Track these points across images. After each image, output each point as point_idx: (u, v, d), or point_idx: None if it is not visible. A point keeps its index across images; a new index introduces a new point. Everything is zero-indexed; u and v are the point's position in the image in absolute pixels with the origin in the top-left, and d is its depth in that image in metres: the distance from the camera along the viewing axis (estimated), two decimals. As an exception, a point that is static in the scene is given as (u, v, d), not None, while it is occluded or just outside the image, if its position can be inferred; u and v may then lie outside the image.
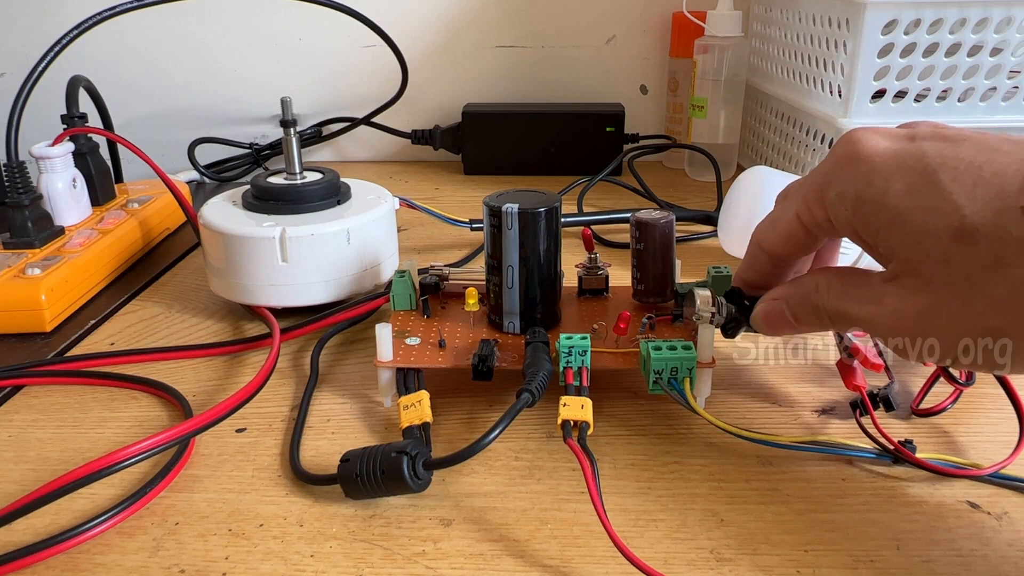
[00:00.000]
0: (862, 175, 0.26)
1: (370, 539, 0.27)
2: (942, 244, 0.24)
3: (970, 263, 0.23)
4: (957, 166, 0.24)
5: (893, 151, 0.25)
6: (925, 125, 0.27)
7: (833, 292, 0.28)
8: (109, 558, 0.27)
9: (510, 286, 0.35)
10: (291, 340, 0.42)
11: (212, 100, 0.80)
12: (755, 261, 0.31)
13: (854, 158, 0.26)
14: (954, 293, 0.24)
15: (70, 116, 0.54)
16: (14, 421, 0.35)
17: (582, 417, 0.29)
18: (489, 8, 0.78)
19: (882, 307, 0.26)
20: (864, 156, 0.26)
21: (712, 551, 0.27)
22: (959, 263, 0.24)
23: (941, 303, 0.24)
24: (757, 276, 0.32)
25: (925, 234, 0.24)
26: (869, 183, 0.25)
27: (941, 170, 0.24)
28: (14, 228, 0.48)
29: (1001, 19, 0.52)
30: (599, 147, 0.73)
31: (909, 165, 0.25)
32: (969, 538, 0.27)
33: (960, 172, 0.24)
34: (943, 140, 0.25)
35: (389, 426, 0.34)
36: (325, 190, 0.45)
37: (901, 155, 0.25)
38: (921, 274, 0.25)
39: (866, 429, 0.31)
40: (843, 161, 0.27)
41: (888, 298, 0.26)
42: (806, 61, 0.62)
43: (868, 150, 0.26)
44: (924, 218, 0.24)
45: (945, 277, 0.24)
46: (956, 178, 0.24)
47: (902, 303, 0.25)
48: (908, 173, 0.25)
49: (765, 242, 0.31)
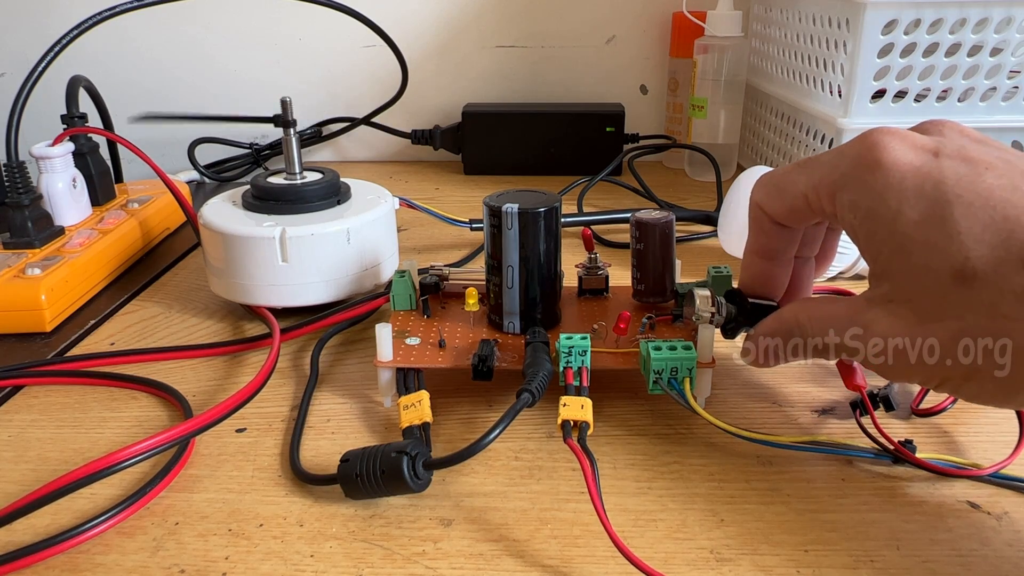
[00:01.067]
0: (878, 190, 0.25)
1: (370, 539, 0.27)
2: (942, 282, 0.24)
3: (965, 305, 0.23)
4: (973, 201, 0.24)
5: (914, 169, 0.25)
6: (953, 133, 0.26)
7: (816, 325, 0.28)
8: (109, 558, 0.27)
9: (510, 286, 0.35)
10: (291, 340, 0.42)
11: (212, 100, 0.80)
12: (761, 224, 0.31)
13: (874, 167, 0.26)
14: (946, 330, 0.24)
15: (70, 116, 0.54)
16: (14, 421, 0.35)
17: (582, 417, 0.29)
18: (489, 8, 0.78)
19: (870, 335, 0.26)
20: (884, 167, 0.25)
21: (712, 551, 0.27)
22: (955, 303, 0.24)
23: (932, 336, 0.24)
24: (768, 239, 0.31)
25: (927, 270, 0.24)
26: (883, 200, 0.25)
27: (956, 203, 0.24)
28: (14, 228, 0.48)
29: (1001, 19, 0.52)
30: (599, 147, 0.73)
31: (926, 191, 0.24)
32: (969, 538, 0.27)
33: (974, 209, 0.23)
34: (966, 163, 0.24)
35: (389, 426, 0.34)
36: (325, 190, 0.45)
37: (921, 176, 0.25)
38: (915, 306, 0.25)
39: (866, 429, 0.31)
40: (862, 166, 0.26)
41: (878, 325, 0.26)
42: (806, 61, 0.62)
43: (890, 162, 0.25)
44: (929, 254, 0.24)
45: (939, 314, 0.24)
46: (968, 215, 0.23)
47: (891, 330, 0.25)
48: (923, 199, 0.24)
49: (767, 206, 0.30)
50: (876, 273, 0.26)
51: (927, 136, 0.26)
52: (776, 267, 0.32)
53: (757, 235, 0.32)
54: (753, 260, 0.32)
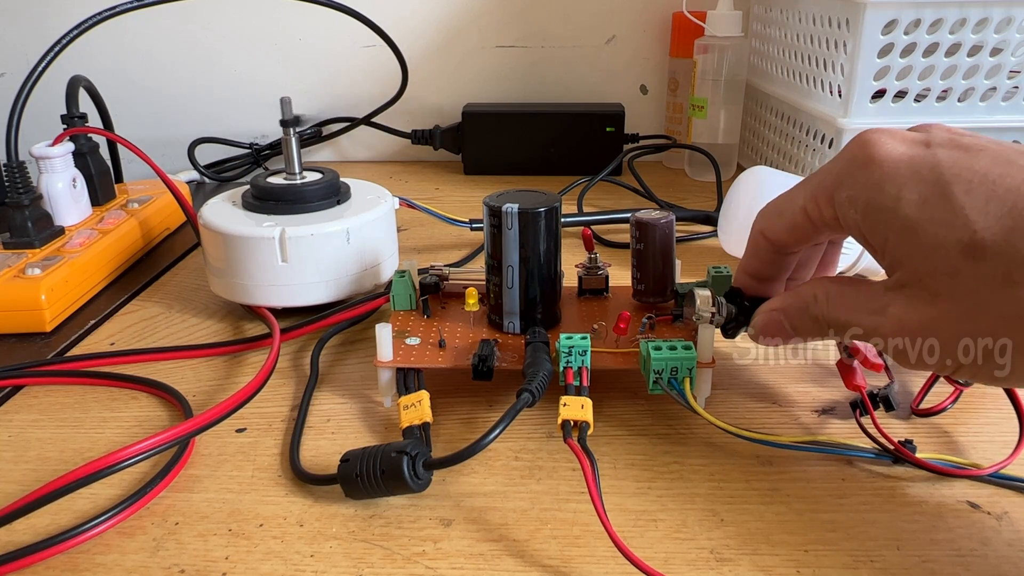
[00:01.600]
0: (875, 180, 0.25)
1: (370, 539, 0.27)
2: (951, 258, 0.24)
3: (978, 279, 0.23)
4: (971, 179, 0.24)
5: (908, 157, 0.25)
6: (941, 130, 0.26)
7: (833, 302, 0.28)
8: (109, 558, 0.27)
9: (510, 286, 0.35)
10: (291, 340, 0.42)
11: (212, 100, 0.80)
12: (758, 250, 0.31)
13: (868, 162, 0.26)
14: (960, 307, 0.24)
15: (70, 116, 0.54)
16: (14, 421, 0.35)
17: (582, 417, 0.29)
18: (489, 8, 0.78)
19: (887, 317, 0.26)
20: (878, 161, 0.26)
21: (712, 551, 0.27)
22: (967, 278, 0.23)
23: (947, 316, 0.24)
24: (761, 265, 0.32)
25: (935, 247, 0.24)
26: (881, 189, 0.25)
27: (955, 182, 0.24)
28: (14, 228, 0.48)
29: (1001, 19, 0.52)
30: (599, 147, 0.73)
31: (923, 174, 0.25)
32: (969, 538, 0.27)
33: (974, 185, 0.24)
34: (958, 149, 0.25)
35: (389, 426, 0.34)
36: (325, 190, 0.45)
37: (915, 162, 0.25)
38: (928, 287, 0.24)
39: (866, 429, 0.31)
40: (856, 163, 0.26)
41: (893, 307, 0.26)
42: (806, 61, 0.62)
43: (882, 155, 0.26)
44: (935, 231, 0.24)
45: (952, 291, 0.24)
46: (969, 191, 0.24)
47: (907, 313, 0.25)
48: (921, 182, 0.24)
49: (768, 230, 0.30)
50: (888, 264, 0.26)
51: (916, 132, 0.27)
52: (765, 289, 0.32)
53: (751, 259, 0.32)
54: (744, 279, 0.33)
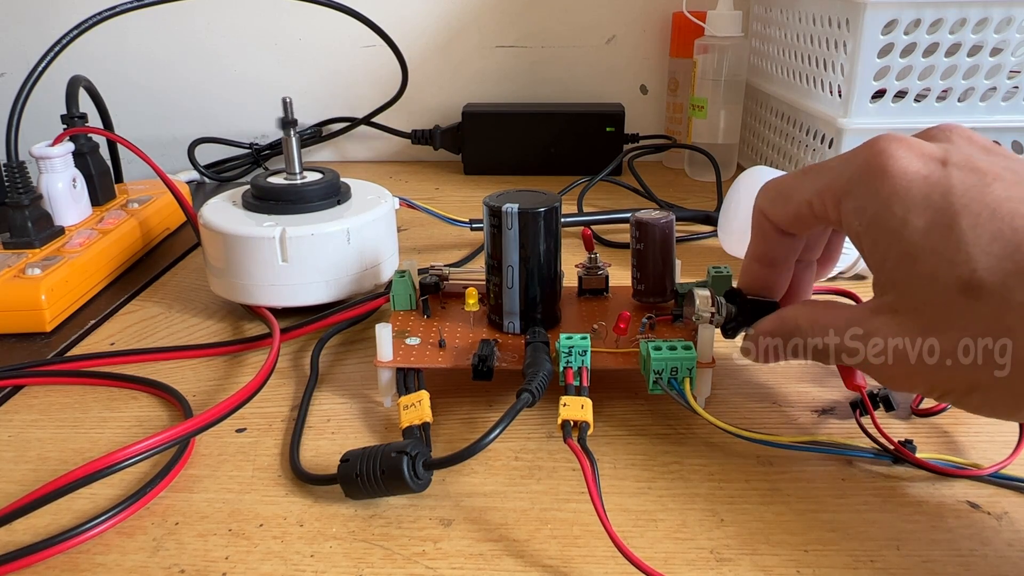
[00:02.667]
0: (884, 196, 0.25)
1: (370, 539, 0.27)
2: (948, 294, 0.24)
3: (971, 317, 0.23)
4: (980, 212, 0.23)
5: (922, 177, 0.25)
6: (961, 140, 0.26)
7: (816, 328, 0.28)
8: (109, 558, 0.27)
9: (510, 286, 0.35)
10: (291, 340, 0.42)
11: (212, 100, 0.80)
12: (763, 231, 0.31)
13: (880, 173, 0.25)
14: (949, 341, 0.24)
15: (70, 116, 0.54)
16: (14, 421, 0.35)
17: (582, 417, 0.29)
18: (489, 8, 0.78)
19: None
20: (891, 175, 0.25)
21: (712, 551, 0.27)
22: (960, 315, 0.23)
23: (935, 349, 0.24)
24: (768, 247, 0.31)
25: (933, 280, 0.24)
26: (889, 207, 0.25)
27: (963, 213, 0.24)
28: (14, 228, 0.48)
29: (1001, 19, 0.52)
30: (599, 147, 0.73)
31: (932, 199, 0.24)
32: (969, 538, 0.27)
33: (981, 220, 0.23)
34: (974, 174, 0.24)
35: (389, 426, 0.34)
36: (325, 190, 0.45)
37: (929, 184, 0.25)
38: (920, 316, 0.24)
39: (866, 429, 0.31)
40: (869, 173, 0.26)
41: (881, 332, 0.26)
42: (806, 61, 0.62)
43: (896, 169, 0.25)
44: (936, 264, 0.24)
45: (944, 325, 0.24)
46: (976, 225, 0.23)
47: (895, 339, 0.25)
48: (929, 208, 0.24)
49: (771, 213, 0.30)
50: (880, 282, 0.26)
51: (935, 144, 0.26)
52: (776, 274, 0.32)
53: (759, 242, 0.32)
54: (753, 266, 0.32)
